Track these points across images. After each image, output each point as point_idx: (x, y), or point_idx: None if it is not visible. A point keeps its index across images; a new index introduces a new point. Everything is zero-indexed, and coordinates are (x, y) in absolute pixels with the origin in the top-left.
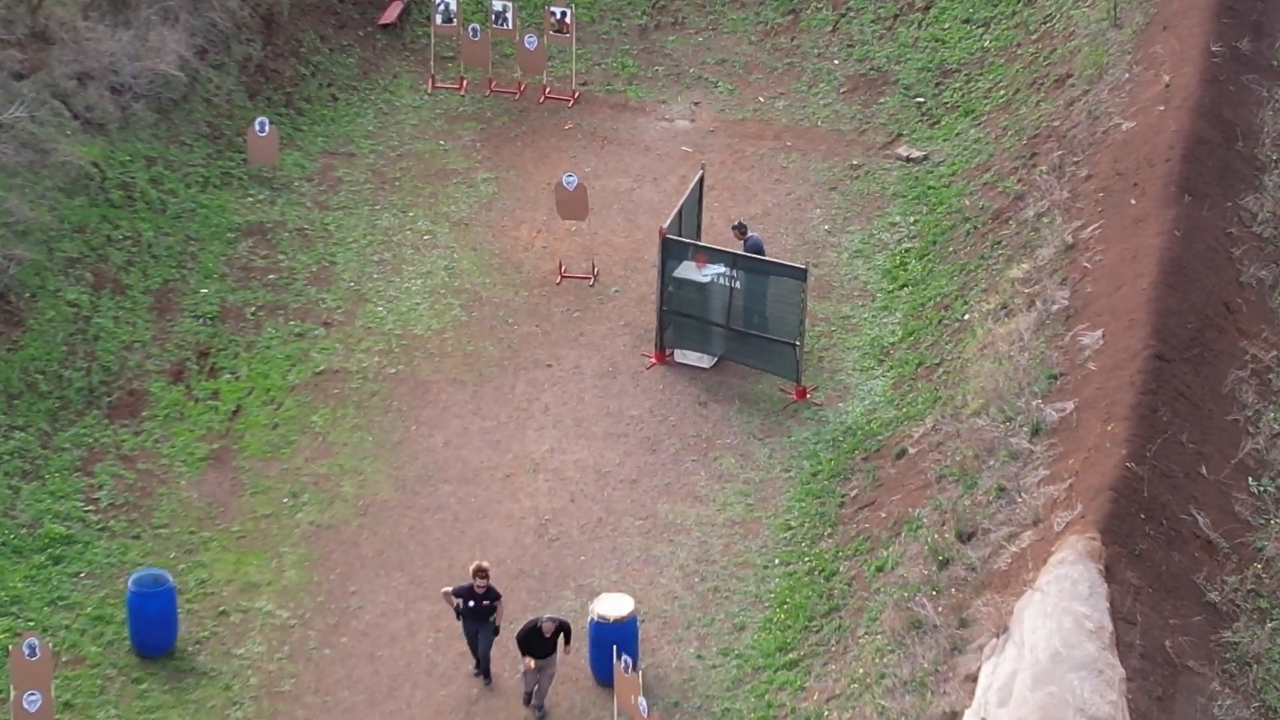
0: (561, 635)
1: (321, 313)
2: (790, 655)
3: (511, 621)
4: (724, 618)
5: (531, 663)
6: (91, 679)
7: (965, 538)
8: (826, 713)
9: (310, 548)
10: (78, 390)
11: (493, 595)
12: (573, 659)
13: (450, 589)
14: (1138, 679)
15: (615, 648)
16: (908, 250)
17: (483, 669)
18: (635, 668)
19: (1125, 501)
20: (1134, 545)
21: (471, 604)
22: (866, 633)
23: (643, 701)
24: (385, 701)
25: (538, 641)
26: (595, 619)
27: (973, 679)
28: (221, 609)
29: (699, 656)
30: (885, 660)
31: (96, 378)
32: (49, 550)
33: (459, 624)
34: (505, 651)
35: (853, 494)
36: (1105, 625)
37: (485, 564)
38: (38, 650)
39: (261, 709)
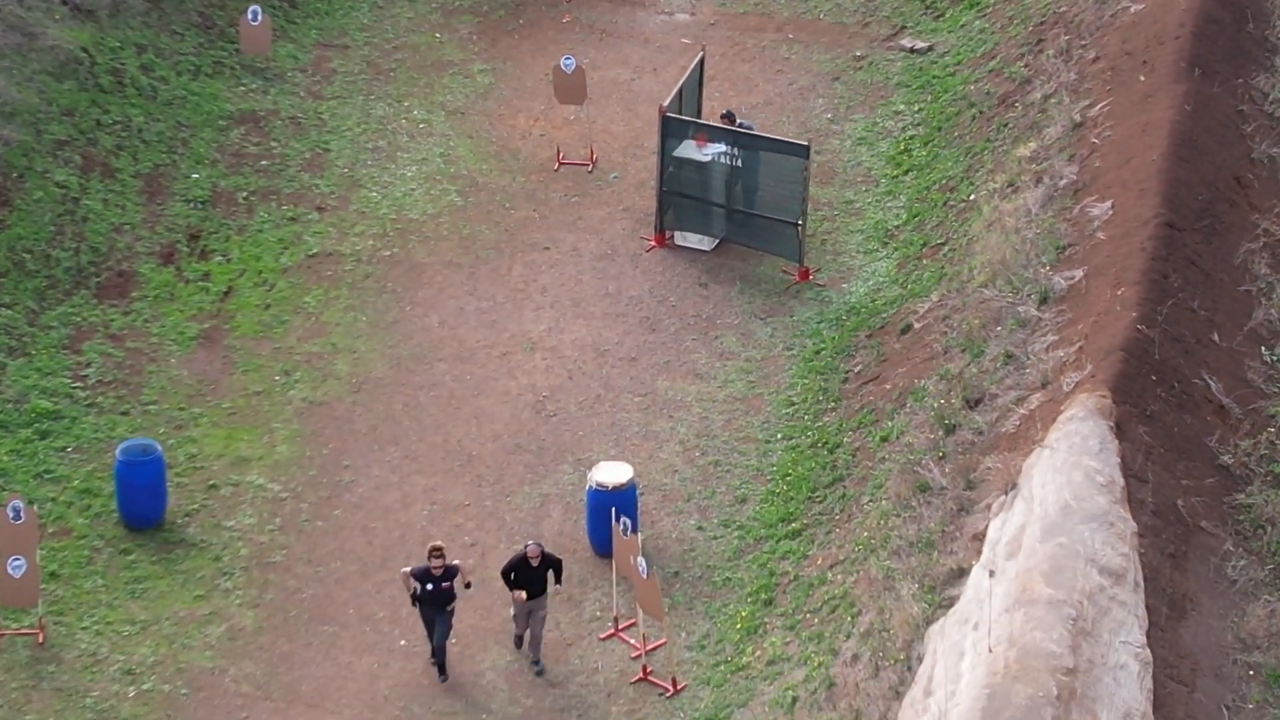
0: (552, 572)
1: (315, 198)
2: (793, 525)
3: (471, 574)
4: (725, 490)
5: (522, 596)
6: (78, 550)
7: (972, 404)
8: (830, 577)
9: (302, 424)
10: (66, 270)
11: (450, 574)
12: (571, 530)
13: (409, 569)
14: (1149, 535)
15: (614, 510)
16: (912, 137)
17: (438, 661)
18: (634, 530)
19: (1136, 362)
20: (1145, 406)
21: (429, 587)
22: (871, 500)
23: (642, 562)
24: (378, 572)
25: (526, 574)
26: (594, 487)
27: (980, 537)
28: (211, 483)
29: (699, 528)
30: (891, 524)
31: (85, 258)
32: (35, 425)
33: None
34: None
35: (856, 370)
36: (1116, 480)
37: (439, 543)
38: (22, 514)
39: (252, 579)
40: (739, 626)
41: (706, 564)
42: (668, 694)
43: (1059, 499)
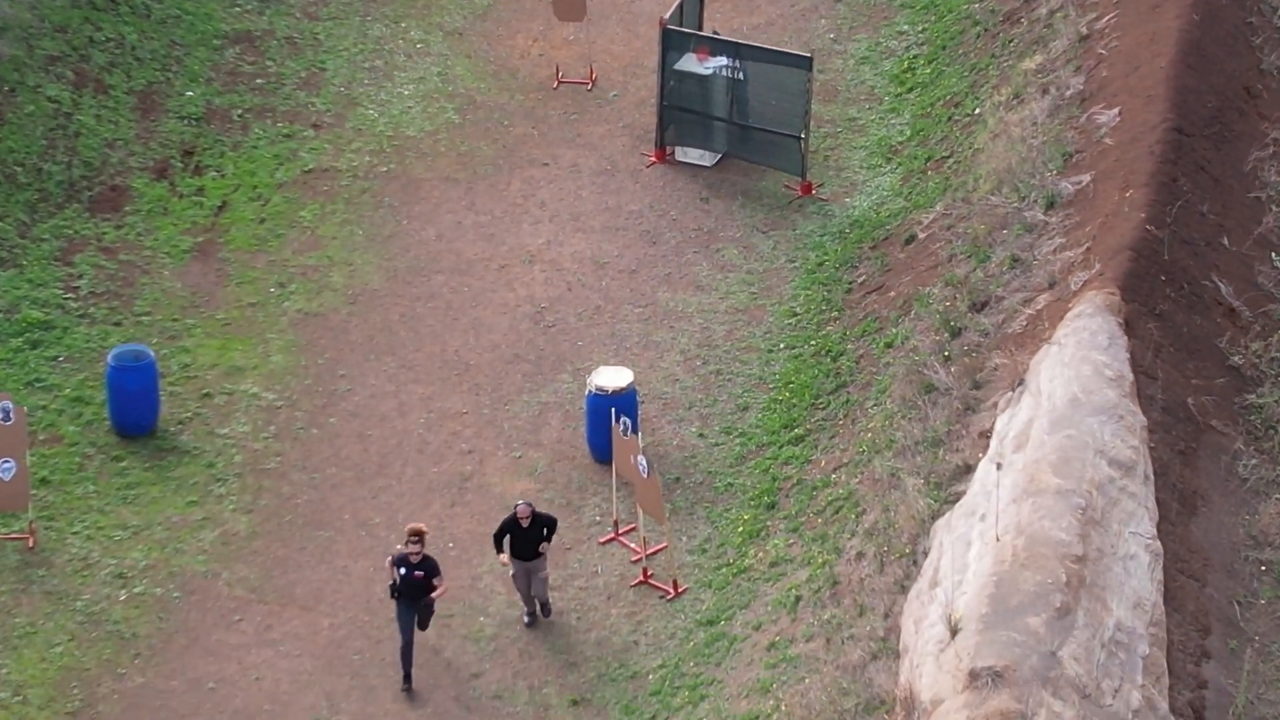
0: (545, 531)
1: (310, 115)
2: (795, 431)
3: (444, 588)
4: (727, 399)
5: (505, 558)
6: (69, 456)
7: (978, 307)
8: (834, 479)
9: (297, 334)
10: (58, 184)
11: (430, 569)
12: (570, 438)
13: (392, 557)
14: (1159, 431)
15: (613, 410)
16: (915, 56)
17: (403, 665)
18: (634, 430)
19: (1144, 262)
20: (1154, 305)
21: (402, 571)
22: (875, 404)
23: (642, 460)
24: (375, 478)
25: (518, 536)
26: (593, 391)
27: (987, 435)
28: (205, 391)
29: (701, 435)
30: (896, 425)
31: (77, 172)
32: (26, 335)
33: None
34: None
35: (860, 280)
36: (1125, 375)
37: (421, 526)
38: (11, 415)
39: (246, 485)
40: (741, 530)
41: (708, 470)
42: (668, 597)
43: (1067, 392)
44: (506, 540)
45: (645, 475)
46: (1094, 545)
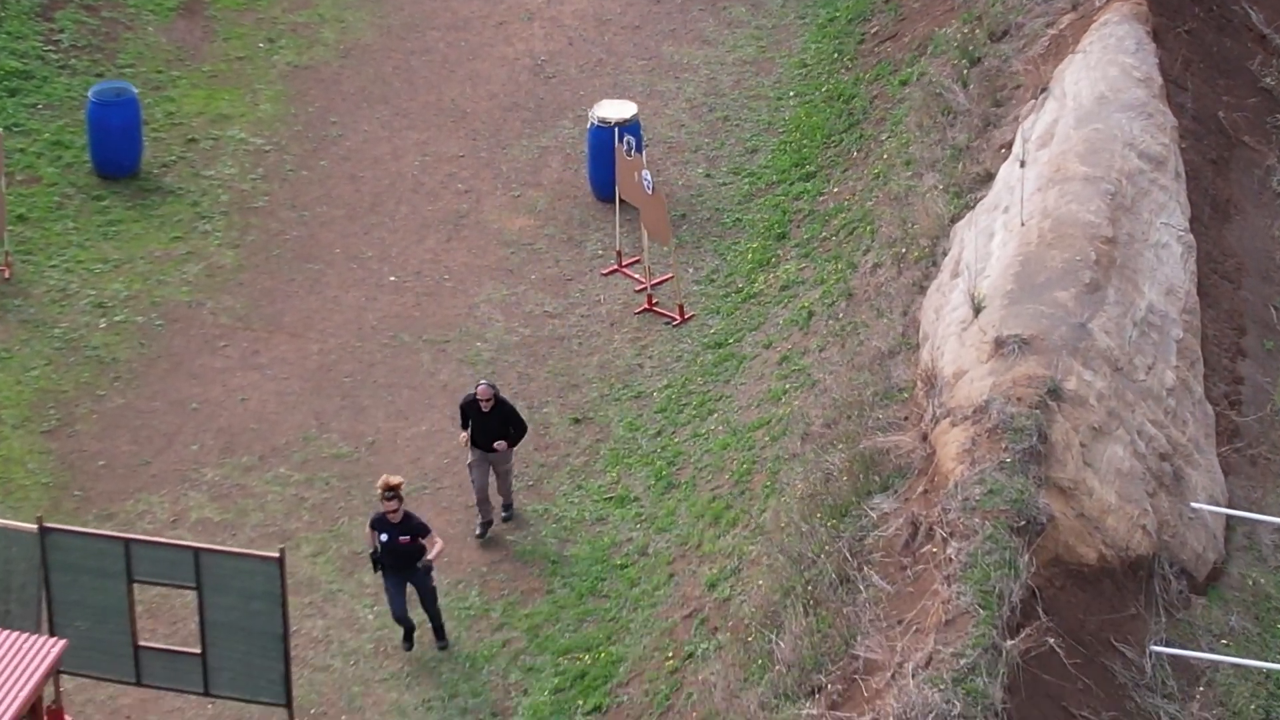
0: (512, 430)
1: None
2: (807, 169)
3: (440, 550)
4: (734, 143)
5: (465, 438)
6: (48, 196)
7: (998, 36)
8: (848, 205)
9: (287, 85)
10: None
11: (416, 529)
12: (571, 178)
13: (370, 520)
14: (1190, 139)
15: (616, 129)
16: None
17: (403, 625)
18: (639, 150)
19: None
20: (1182, 23)
21: (384, 538)
22: (890, 135)
23: (647, 176)
24: (367, 215)
25: (477, 421)
26: (595, 124)
27: (1008, 145)
28: (190, 137)
29: (707, 175)
30: (913, 146)
31: None
32: (4, 84)
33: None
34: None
35: (873, 31)
36: (1154, 77)
37: (397, 480)
38: None
39: (232, 222)
40: (750, 259)
41: (715, 207)
42: (674, 323)
43: (1094, 92)
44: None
45: (650, 191)
46: (1124, 230)
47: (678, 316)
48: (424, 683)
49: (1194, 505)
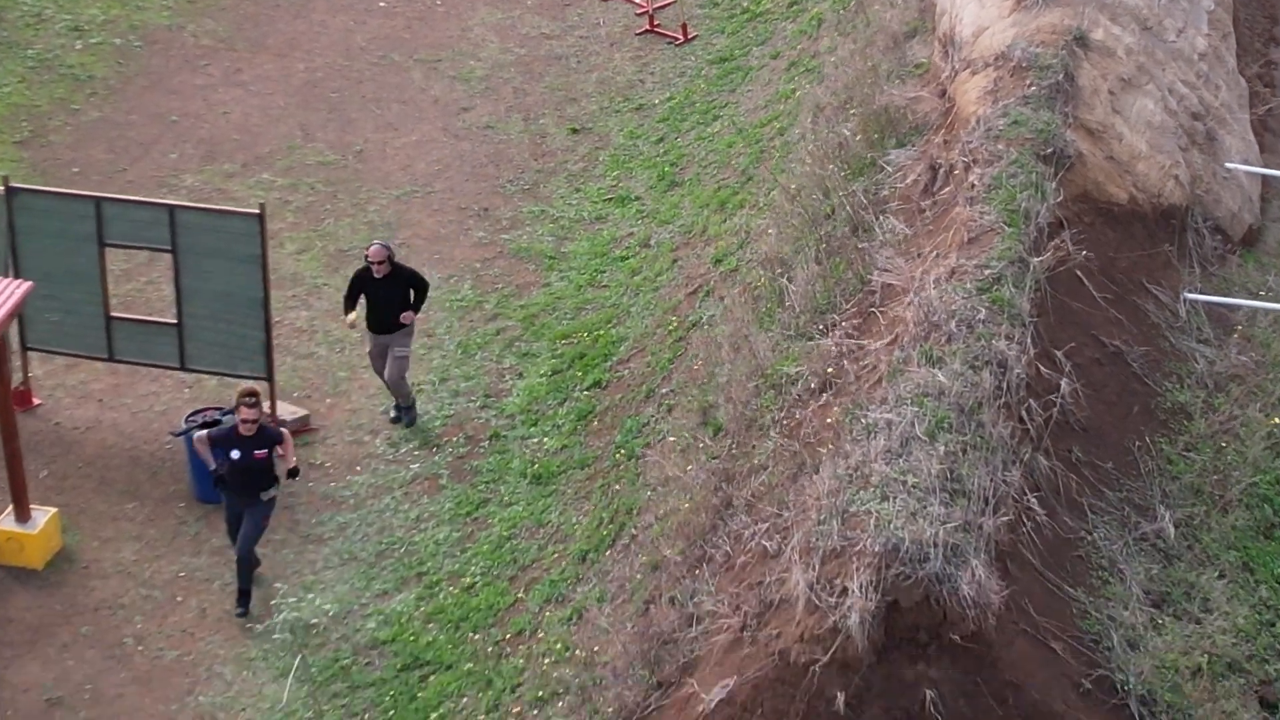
0: (412, 294)
1: None
2: None
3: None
4: None
5: (352, 318)
6: None
7: None
8: None
9: None
10: None
11: (269, 439)
12: None
13: (209, 434)
14: None
15: None
16: None
17: (241, 582)
18: None
19: None
20: None
21: (236, 456)
22: None
23: None
24: None
25: (371, 294)
26: None
27: None
28: None
29: None
30: None
31: None
32: None
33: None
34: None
35: None
36: None
37: (253, 387)
38: None
39: None
40: None
41: None
42: (677, 42)
43: None
44: (362, 301)
45: None
46: None
47: (680, 36)
48: (414, 369)
49: (1228, 165)
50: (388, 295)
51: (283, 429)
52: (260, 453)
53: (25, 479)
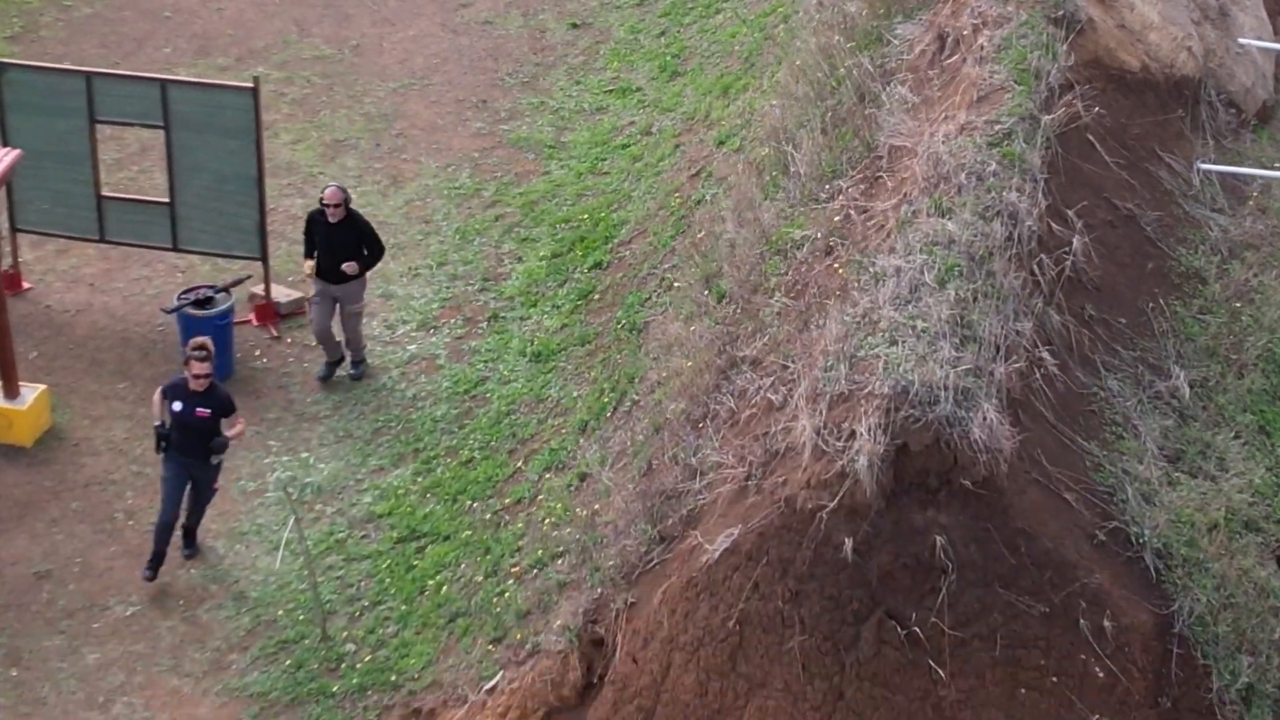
0: (366, 252)
1: None
2: None
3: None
4: None
5: (309, 266)
6: None
7: None
8: None
9: None
10: None
11: (218, 404)
12: None
13: (162, 388)
14: None
15: None
16: None
17: (155, 543)
18: None
19: None
20: None
21: (178, 408)
22: None
23: None
24: None
25: (324, 238)
26: None
27: None
28: None
29: None
30: None
31: None
32: None
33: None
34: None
35: None
36: None
37: (204, 339)
38: None
39: None
40: None
41: None
42: None
43: None
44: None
45: None
46: None
47: None
48: (410, 253)
49: (1241, 41)
50: (341, 241)
51: (237, 415)
52: (203, 411)
53: (14, 357)
